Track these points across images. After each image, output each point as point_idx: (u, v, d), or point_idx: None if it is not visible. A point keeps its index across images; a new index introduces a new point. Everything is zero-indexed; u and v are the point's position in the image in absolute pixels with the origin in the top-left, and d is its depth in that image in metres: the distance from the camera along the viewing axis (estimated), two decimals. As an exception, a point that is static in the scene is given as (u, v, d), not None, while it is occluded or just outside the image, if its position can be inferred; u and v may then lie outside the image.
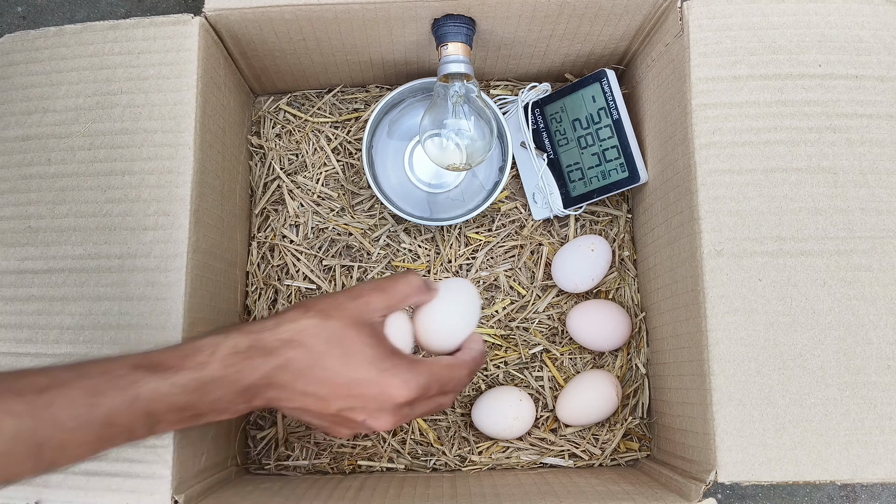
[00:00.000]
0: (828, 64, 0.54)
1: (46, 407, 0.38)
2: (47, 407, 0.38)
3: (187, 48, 0.56)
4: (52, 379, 0.40)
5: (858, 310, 0.51)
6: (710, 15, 0.55)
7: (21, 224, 0.55)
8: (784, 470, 0.49)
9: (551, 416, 0.67)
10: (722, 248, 0.52)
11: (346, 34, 0.61)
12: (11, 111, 0.57)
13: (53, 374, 0.40)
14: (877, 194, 0.53)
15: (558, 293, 0.69)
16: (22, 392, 0.39)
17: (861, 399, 0.50)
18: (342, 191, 0.71)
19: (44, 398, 0.39)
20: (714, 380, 0.50)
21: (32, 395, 0.39)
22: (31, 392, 0.39)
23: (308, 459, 0.66)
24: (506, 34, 0.63)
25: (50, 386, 0.39)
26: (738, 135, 0.53)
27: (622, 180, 0.65)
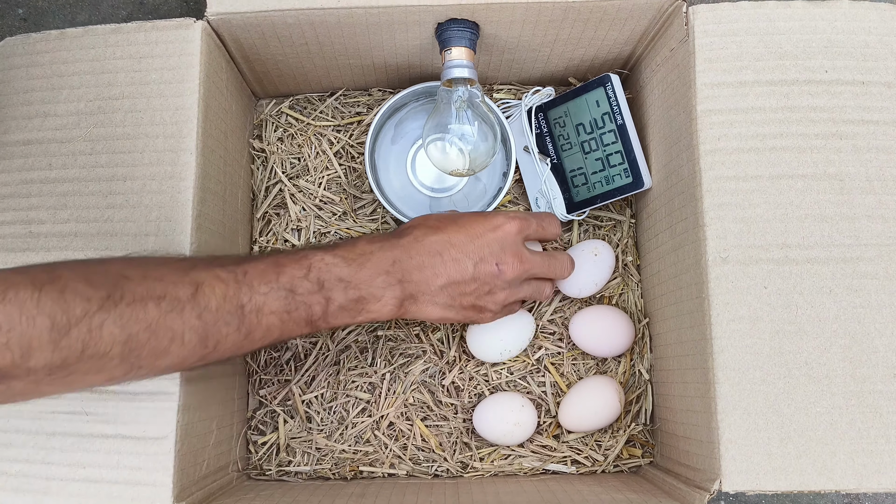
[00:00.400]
0: (834, 70, 0.54)
1: (244, 274, 0.47)
2: (245, 274, 0.47)
3: (189, 52, 0.56)
4: (246, 257, 0.50)
5: (864, 318, 0.51)
6: (715, 20, 0.55)
7: (22, 229, 0.55)
8: (789, 479, 0.49)
9: (554, 423, 0.66)
10: (727, 255, 0.52)
11: (349, 38, 0.61)
12: (12, 115, 0.57)
13: (246, 256, 0.51)
14: (883, 201, 0.52)
15: (562, 298, 0.69)
16: (224, 263, 0.48)
17: (867, 408, 0.50)
18: (344, 195, 0.71)
19: (241, 267, 0.48)
20: (719, 388, 0.50)
21: (232, 265, 0.48)
22: (231, 263, 0.48)
23: (309, 465, 0.66)
24: (510, 38, 0.62)
25: (245, 260, 0.49)
26: (743, 141, 0.53)
27: (626, 186, 0.65)
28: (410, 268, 0.53)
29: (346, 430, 0.66)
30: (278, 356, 0.68)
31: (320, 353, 0.68)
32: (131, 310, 0.41)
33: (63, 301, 0.39)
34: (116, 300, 0.41)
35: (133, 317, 0.41)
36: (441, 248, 0.55)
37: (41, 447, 0.51)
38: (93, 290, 0.40)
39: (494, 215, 0.58)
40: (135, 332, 0.41)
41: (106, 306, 0.40)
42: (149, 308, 0.42)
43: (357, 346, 0.68)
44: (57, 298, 0.39)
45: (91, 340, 0.39)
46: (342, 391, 0.67)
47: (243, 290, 0.46)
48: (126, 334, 0.41)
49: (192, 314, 0.44)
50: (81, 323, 0.39)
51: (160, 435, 0.51)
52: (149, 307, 0.42)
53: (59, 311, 0.38)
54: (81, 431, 0.51)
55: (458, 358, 0.67)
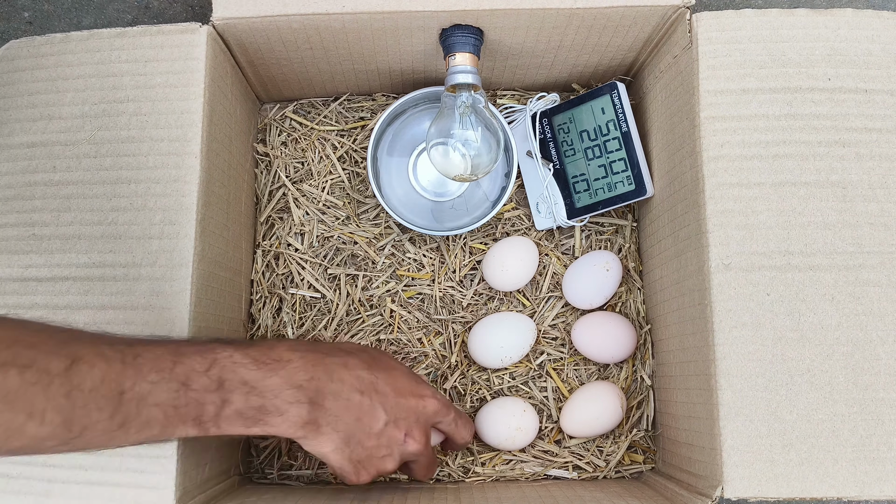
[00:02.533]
0: (837, 78, 0.54)
1: (134, 357, 0.42)
2: (135, 357, 0.42)
3: (195, 57, 0.56)
4: (141, 339, 0.44)
5: (867, 325, 0.51)
6: (719, 27, 0.55)
7: (25, 231, 0.55)
8: (791, 486, 0.49)
9: (556, 428, 0.66)
10: (730, 262, 0.52)
11: (354, 43, 0.61)
12: (17, 118, 0.57)
13: (141, 337, 0.45)
14: (886, 209, 0.52)
15: (564, 305, 0.69)
16: (114, 342, 0.42)
17: (869, 415, 0.50)
18: (347, 199, 0.71)
19: (133, 349, 0.42)
20: (721, 394, 0.50)
21: (123, 346, 0.42)
22: (122, 343, 0.42)
23: (311, 469, 0.66)
24: (514, 44, 0.63)
25: (139, 342, 0.44)
26: (746, 148, 0.53)
27: (628, 193, 0.65)
28: (326, 391, 0.48)
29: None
30: (280, 360, 0.68)
31: (322, 357, 0.68)
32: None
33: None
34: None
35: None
36: (365, 388, 0.50)
37: (43, 449, 0.51)
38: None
39: (424, 385, 0.55)
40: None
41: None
42: (10, 375, 0.37)
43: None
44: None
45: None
46: (344, 395, 0.67)
47: (128, 374, 0.41)
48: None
49: (59, 391, 0.38)
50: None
51: (162, 438, 0.51)
52: (10, 374, 0.37)
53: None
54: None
55: (459, 362, 0.67)
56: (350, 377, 0.50)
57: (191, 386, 0.43)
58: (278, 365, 0.47)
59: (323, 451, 0.49)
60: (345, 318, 0.68)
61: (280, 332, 0.68)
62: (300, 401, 0.47)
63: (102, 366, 0.40)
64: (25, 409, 0.37)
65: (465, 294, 0.69)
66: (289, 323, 0.68)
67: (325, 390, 0.48)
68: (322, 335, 0.68)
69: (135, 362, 0.42)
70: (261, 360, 0.47)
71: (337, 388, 0.49)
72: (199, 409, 0.44)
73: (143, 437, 0.42)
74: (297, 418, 0.47)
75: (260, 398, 0.46)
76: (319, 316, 0.69)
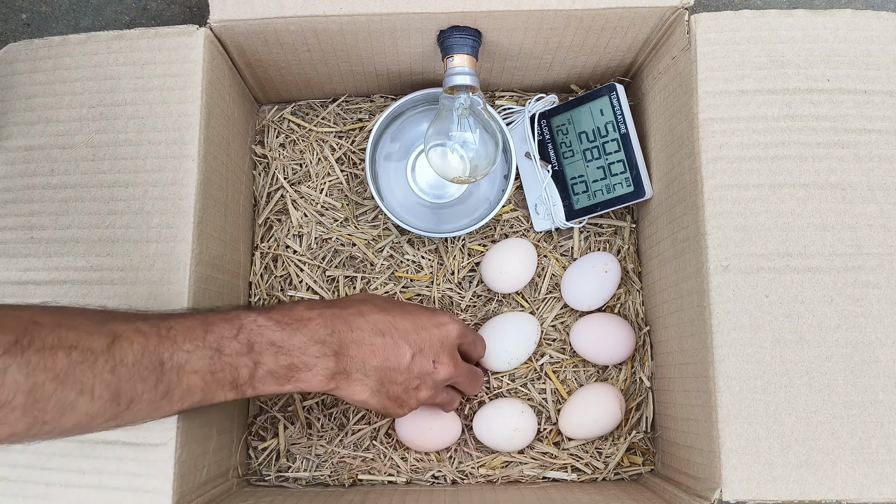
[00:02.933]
0: (836, 79, 0.54)
1: (168, 329, 0.44)
2: (168, 329, 0.44)
3: (192, 59, 0.56)
4: (171, 313, 0.47)
5: (866, 327, 0.51)
6: (717, 28, 0.55)
7: (23, 235, 0.55)
8: (789, 488, 0.49)
9: (554, 430, 0.66)
10: (728, 264, 0.52)
11: (352, 45, 0.61)
12: (14, 121, 0.57)
13: (171, 312, 0.47)
14: (885, 210, 0.52)
15: (563, 306, 0.69)
16: (147, 318, 0.45)
17: (868, 417, 0.50)
18: (346, 201, 0.71)
19: (166, 323, 0.45)
20: (720, 396, 0.50)
21: (156, 320, 0.45)
22: (154, 318, 0.45)
23: (309, 471, 0.65)
24: (512, 45, 0.62)
25: (170, 316, 0.46)
26: (745, 149, 0.53)
27: (627, 195, 0.65)
28: (348, 341, 0.51)
29: (346, 436, 0.66)
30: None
31: (321, 359, 0.68)
32: (39, 357, 0.38)
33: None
34: (24, 346, 0.38)
35: (40, 365, 0.38)
36: (384, 329, 0.53)
37: (41, 453, 0.51)
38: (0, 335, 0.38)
39: (440, 313, 0.57)
40: (40, 381, 0.38)
41: (12, 351, 0.38)
42: (58, 357, 0.39)
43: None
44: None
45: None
46: (343, 397, 0.67)
47: (165, 346, 0.44)
48: (31, 383, 0.38)
49: (105, 367, 0.41)
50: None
51: (160, 441, 0.51)
52: (58, 356, 0.39)
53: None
54: (81, 437, 0.51)
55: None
56: (367, 323, 0.52)
57: (223, 351, 0.46)
58: (300, 324, 0.49)
59: (362, 398, 0.52)
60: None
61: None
62: (326, 354, 0.50)
63: (141, 340, 0.43)
64: (76, 387, 0.40)
65: (463, 296, 0.69)
66: (287, 325, 0.68)
67: (347, 340, 0.51)
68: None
69: (169, 334, 0.44)
70: (283, 322, 0.49)
71: (358, 337, 0.51)
72: (234, 373, 0.46)
73: (186, 404, 0.45)
74: (326, 370, 0.50)
75: (288, 357, 0.48)
76: (318, 318, 0.68)
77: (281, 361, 0.48)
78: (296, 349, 0.49)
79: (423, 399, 0.56)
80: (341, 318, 0.51)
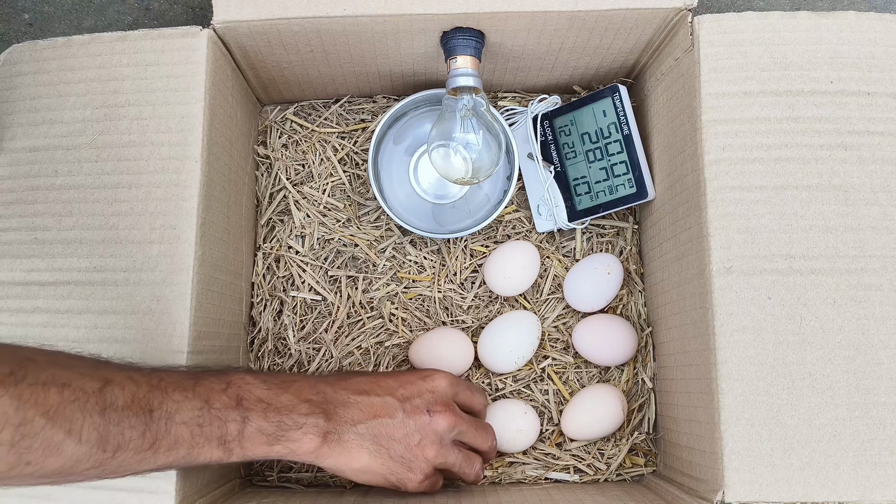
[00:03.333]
0: (840, 80, 0.54)
1: (159, 380, 0.45)
2: (160, 380, 0.45)
3: (195, 60, 0.56)
4: (162, 367, 0.48)
5: (869, 329, 0.51)
6: (721, 30, 0.55)
7: (27, 236, 0.55)
8: (792, 490, 0.49)
9: (557, 431, 0.66)
10: (731, 266, 0.52)
11: (354, 46, 0.61)
12: (19, 122, 0.57)
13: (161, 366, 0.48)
14: (888, 213, 0.52)
15: (565, 307, 0.69)
16: (139, 368, 0.46)
17: (870, 419, 0.50)
18: (348, 202, 0.71)
19: (157, 374, 0.46)
20: (722, 398, 0.50)
21: (148, 370, 0.46)
22: (146, 369, 0.46)
23: (310, 472, 0.66)
24: (515, 47, 0.62)
25: (160, 369, 0.47)
26: (748, 151, 0.53)
27: (629, 196, 0.65)
28: (335, 402, 0.51)
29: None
30: (282, 363, 0.68)
31: (323, 359, 0.68)
32: (31, 391, 0.38)
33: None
34: (18, 379, 0.38)
35: (32, 399, 0.38)
36: (367, 388, 0.53)
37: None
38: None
39: (426, 369, 0.58)
40: (31, 416, 0.38)
41: (5, 383, 0.38)
42: (50, 393, 0.39)
43: (360, 352, 0.68)
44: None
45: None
46: (345, 398, 0.67)
47: (155, 394, 0.44)
48: (21, 416, 0.38)
49: (95, 408, 0.41)
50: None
51: (164, 442, 0.51)
52: (50, 392, 0.39)
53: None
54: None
55: (461, 365, 0.67)
56: (350, 384, 0.53)
57: (212, 404, 0.46)
58: (286, 384, 0.51)
59: (361, 463, 0.51)
60: (345, 321, 0.68)
61: (281, 335, 0.68)
62: (314, 413, 0.50)
63: (132, 387, 0.43)
64: (65, 426, 0.39)
65: (465, 297, 0.69)
66: (290, 326, 0.68)
67: (333, 400, 0.51)
68: (323, 338, 0.68)
69: (160, 384, 0.45)
70: (270, 381, 0.50)
71: (343, 397, 0.52)
72: (222, 429, 0.46)
73: (171, 458, 0.45)
74: (316, 429, 0.49)
75: (277, 414, 0.49)
76: (320, 318, 0.69)
77: (270, 419, 0.48)
78: (284, 407, 0.49)
79: (431, 457, 0.54)
80: (324, 381, 0.53)
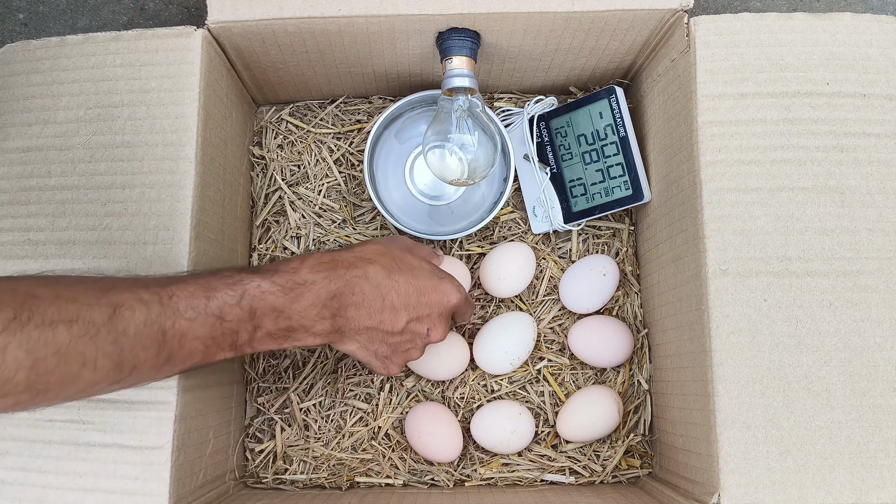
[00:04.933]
0: (836, 82, 0.54)
1: (170, 297, 0.44)
2: (170, 297, 0.44)
3: (190, 61, 0.56)
4: (173, 277, 0.46)
5: (865, 332, 0.51)
6: (717, 31, 0.55)
7: (20, 236, 0.55)
8: (788, 493, 0.49)
9: (552, 432, 0.66)
10: (727, 268, 0.52)
11: (350, 46, 0.61)
12: (12, 122, 0.57)
13: (172, 276, 0.47)
14: (884, 214, 0.52)
15: (561, 308, 0.69)
16: (148, 285, 0.44)
17: (866, 422, 0.49)
18: (344, 202, 0.71)
19: (167, 290, 0.44)
20: (718, 401, 0.50)
21: (157, 287, 0.44)
22: (156, 285, 0.44)
23: (306, 474, 0.65)
24: (511, 47, 0.62)
25: (172, 281, 0.45)
26: (744, 153, 0.53)
27: (625, 198, 0.65)
28: (348, 304, 0.52)
29: (344, 438, 0.66)
30: (276, 364, 0.68)
31: (318, 360, 0.67)
32: (39, 333, 0.38)
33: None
34: (23, 322, 0.38)
35: (41, 341, 0.38)
36: (385, 292, 0.53)
37: (37, 456, 0.51)
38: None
39: (447, 279, 0.57)
40: (42, 356, 0.38)
41: (10, 328, 0.37)
42: (59, 332, 0.39)
43: (356, 354, 0.68)
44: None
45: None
46: (340, 399, 0.67)
47: (167, 314, 0.43)
48: (32, 359, 0.38)
49: (107, 339, 0.40)
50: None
51: (157, 444, 0.51)
52: (59, 331, 0.39)
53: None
54: (78, 440, 0.51)
55: (457, 367, 0.67)
56: (370, 287, 0.52)
57: (225, 318, 0.46)
58: (304, 288, 0.50)
59: (348, 349, 0.54)
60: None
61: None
62: (324, 317, 0.51)
63: (143, 309, 0.42)
64: (78, 361, 0.39)
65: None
66: (285, 327, 0.68)
67: (346, 303, 0.51)
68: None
69: (171, 302, 0.44)
70: (287, 287, 0.49)
71: (358, 300, 0.52)
72: (234, 337, 0.47)
73: (186, 366, 0.46)
74: (322, 330, 0.51)
75: (288, 320, 0.49)
76: (316, 320, 0.68)
77: (280, 324, 0.49)
78: (296, 313, 0.49)
79: (412, 359, 0.58)
80: (344, 280, 0.51)
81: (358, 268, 0.52)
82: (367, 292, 0.52)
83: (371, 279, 0.52)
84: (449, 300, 0.56)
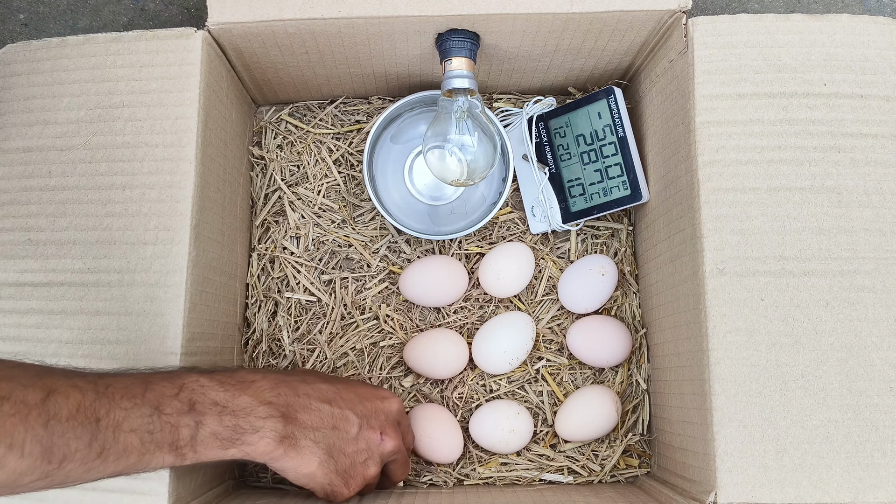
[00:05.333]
0: (833, 83, 0.54)
1: (106, 386, 0.43)
2: (107, 386, 0.43)
3: (190, 62, 0.56)
4: (110, 371, 0.45)
5: (861, 331, 0.51)
6: (715, 32, 0.55)
7: (21, 236, 0.55)
8: (784, 492, 0.49)
9: (551, 432, 0.66)
10: (724, 267, 0.52)
11: (350, 47, 0.61)
12: (12, 122, 0.57)
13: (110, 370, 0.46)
14: (881, 215, 0.52)
15: (559, 308, 0.69)
16: (84, 375, 0.43)
17: (863, 421, 0.50)
18: (343, 202, 0.71)
19: (104, 380, 0.43)
20: (715, 400, 0.50)
21: (94, 377, 0.43)
22: (92, 375, 0.43)
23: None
24: (510, 48, 0.62)
25: (108, 374, 0.44)
26: (741, 153, 0.53)
27: (624, 198, 0.65)
28: (296, 406, 0.50)
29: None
30: (276, 363, 0.68)
31: (318, 360, 0.68)
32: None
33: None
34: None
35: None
36: (331, 398, 0.52)
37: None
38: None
39: (381, 388, 0.58)
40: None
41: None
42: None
43: (354, 353, 0.68)
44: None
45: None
46: (340, 399, 0.67)
47: (102, 402, 0.42)
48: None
49: (38, 421, 0.38)
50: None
51: (157, 443, 0.51)
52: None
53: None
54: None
55: (456, 367, 0.67)
56: (313, 390, 0.52)
57: (163, 410, 0.44)
58: (244, 385, 0.48)
59: (309, 469, 0.50)
60: (340, 322, 0.68)
61: (275, 336, 0.68)
62: (273, 415, 0.48)
63: (77, 395, 0.41)
64: (5, 441, 0.37)
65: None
66: (284, 327, 0.68)
67: (294, 404, 0.50)
68: (317, 339, 0.68)
69: (107, 391, 0.42)
70: (227, 382, 0.48)
71: (304, 402, 0.51)
72: (174, 434, 0.44)
73: (120, 466, 0.43)
74: (273, 433, 0.48)
75: (233, 417, 0.46)
76: (315, 320, 0.69)
77: (225, 422, 0.46)
78: (240, 409, 0.47)
79: (369, 477, 0.54)
80: (286, 383, 0.51)
81: (296, 375, 0.53)
82: (312, 395, 0.51)
83: (312, 384, 0.52)
84: (391, 407, 0.56)
